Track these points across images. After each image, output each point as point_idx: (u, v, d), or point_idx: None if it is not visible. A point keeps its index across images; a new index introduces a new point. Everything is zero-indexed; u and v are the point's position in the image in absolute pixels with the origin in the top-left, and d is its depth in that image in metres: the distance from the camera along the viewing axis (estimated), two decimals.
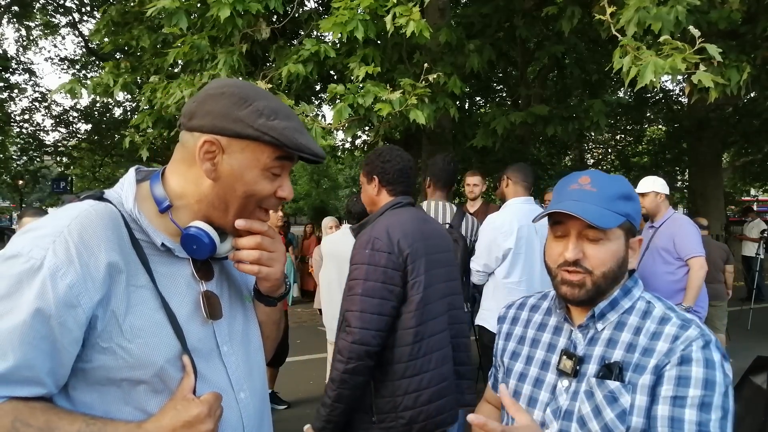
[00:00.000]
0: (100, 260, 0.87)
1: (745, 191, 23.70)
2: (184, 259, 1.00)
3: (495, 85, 12.42)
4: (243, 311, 1.11)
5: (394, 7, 3.89)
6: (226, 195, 0.98)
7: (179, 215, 1.00)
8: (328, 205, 26.49)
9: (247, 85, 1.00)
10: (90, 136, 15.68)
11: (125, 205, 0.96)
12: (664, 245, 3.72)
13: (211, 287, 1.03)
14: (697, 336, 1.04)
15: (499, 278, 3.17)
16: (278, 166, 0.99)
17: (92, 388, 0.89)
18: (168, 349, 0.92)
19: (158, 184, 1.00)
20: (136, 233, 0.95)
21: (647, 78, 3.21)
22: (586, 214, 1.04)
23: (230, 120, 0.95)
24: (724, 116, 10.72)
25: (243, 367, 1.05)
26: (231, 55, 4.36)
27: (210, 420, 0.89)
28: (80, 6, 13.71)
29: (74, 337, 0.85)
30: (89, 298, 0.85)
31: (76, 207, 0.92)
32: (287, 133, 0.96)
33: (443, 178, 3.46)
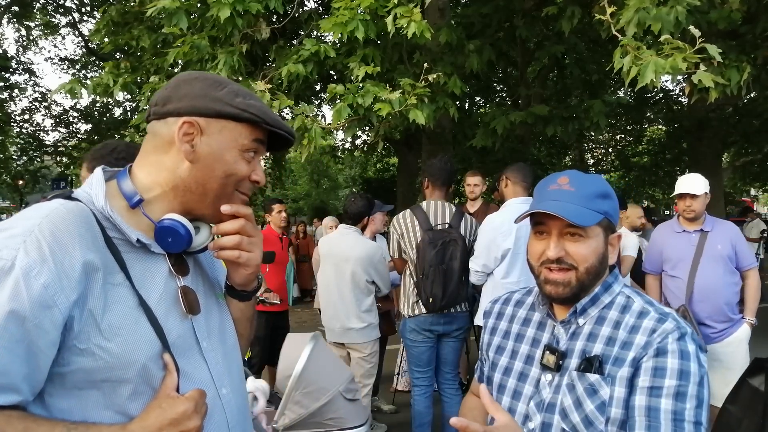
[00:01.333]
0: (75, 258, 0.83)
1: (745, 191, 23.70)
2: (159, 255, 0.98)
3: (495, 85, 12.42)
4: (217, 307, 1.10)
5: (395, 7, 3.89)
6: (205, 177, 0.97)
7: (151, 209, 0.98)
8: (328, 205, 26.46)
9: (216, 75, 1.03)
10: (90, 136, 15.66)
11: (96, 203, 0.93)
12: (728, 253, 3.35)
13: (188, 282, 1.02)
14: (673, 329, 1.08)
15: (497, 278, 3.18)
16: (254, 148, 1.01)
17: (70, 393, 0.86)
18: (149, 346, 0.89)
19: (126, 180, 0.98)
20: (109, 231, 0.92)
21: (647, 78, 3.21)
22: (565, 213, 1.08)
23: (208, 100, 0.96)
24: (724, 116, 10.71)
25: (222, 363, 1.04)
26: (231, 55, 4.36)
27: (197, 416, 0.89)
28: (80, 6, 13.71)
29: (51, 339, 0.81)
30: (65, 297, 0.81)
31: (46, 206, 0.88)
32: (264, 110, 0.99)
33: (441, 177, 3.46)
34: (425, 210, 3.40)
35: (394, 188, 12.76)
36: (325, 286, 3.72)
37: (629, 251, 4.73)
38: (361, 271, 3.58)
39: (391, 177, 18.43)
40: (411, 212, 3.44)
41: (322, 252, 3.80)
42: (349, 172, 26.30)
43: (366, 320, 3.61)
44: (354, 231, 3.69)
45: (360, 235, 3.71)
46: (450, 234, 3.31)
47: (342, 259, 3.61)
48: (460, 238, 3.30)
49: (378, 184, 18.79)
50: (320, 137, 4.20)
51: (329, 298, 3.68)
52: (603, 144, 19.71)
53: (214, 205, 1.00)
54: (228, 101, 0.96)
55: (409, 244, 3.39)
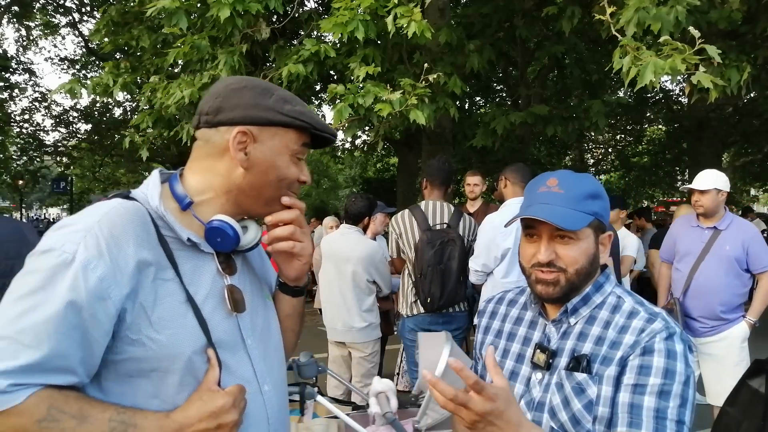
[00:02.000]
0: (128, 254, 0.90)
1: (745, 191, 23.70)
2: (208, 254, 1.04)
3: (495, 85, 12.41)
4: (264, 307, 1.14)
5: (395, 7, 3.88)
6: (259, 181, 1.03)
7: (201, 210, 1.04)
8: (328, 205, 26.46)
9: (260, 80, 1.09)
10: (90, 136, 15.67)
11: (151, 203, 1.00)
12: (737, 254, 3.30)
13: (235, 281, 1.06)
14: (661, 329, 1.08)
15: (497, 278, 3.17)
16: (301, 152, 1.07)
17: (123, 380, 0.92)
18: (194, 340, 0.95)
19: (178, 184, 1.04)
20: (162, 230, 0.98)
21: (647, 78, 3.20)
22: (554, 218, 1.08)
23: (260, 109, 1.01)
24: (724, 116, 10.70)
25: (266, 361, 1.08)
26: (231, 55, 4.36)
27: (234, 411, 0.92)
28: (80, 6, 13.71)
29: (104, 329, 0.88)
30: (119, 290, 0.88)
31: (106, 204, 0.96)
32: (312, 116, 1.05)
33: (439, 177, 3.47)
34: (424, 210, 3.40)
35: (394, 188, 12.76)
36: (327, 286, 3.73)
37: (629, 251, 4.74)
38: (362, 270, 3.58)
39: (391, 177, 18.43)
40: (409, 212, 3.44)
41: (324, 251, 3.80)
42: (349, 172, 26.30)
43: (367, 320, 3.61)
44: (355, 231, 3.70)
45: (361, 235, 3.71)
46: (448, 234, 3.31)
47: (343, 259, 3.61)
48: (458, 238, 3.31)
49: (378, 184, 18.79)
50: None
51: (330, 298, 3.68)
52: (603, 144, 19.71)
53: (267, 206, 1.07)
54: (279, 109, 1.02)
55: (407, 243, 3.39)
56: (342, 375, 3.75)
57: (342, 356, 3.74)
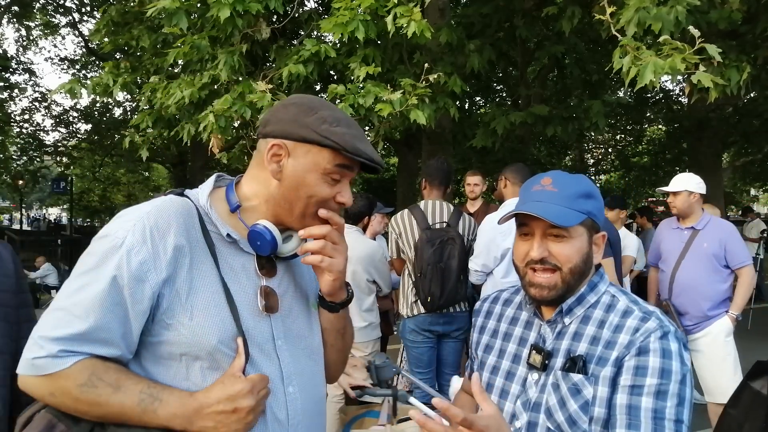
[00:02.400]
0: (168, 243, 0.99)
1: (745, 191, 23.70)
2: (250, 254, 1.10)
3: (495, 85, 12.42)
4: (305, 314, 1.18)
5: (395, 7, 3.88)
6: (290, 195, 1.07)
7: (248, 215, 1.10)
8: None
9: (316, 99, 1.11)
10: (90, 136, 15.69)
11: (200, 200, 1.09)
12: (715, 251, 3.47)
13: (273, 284, 1.11)
14: (656, 327, 1.08)
15: (497, 278, 3.18)
16: (337, 173, 1.07)
17: (159, 362, 1.00)
18: (223, 330, 1.00)
19: (232, 188, 1.13)
20: (208, 225, 1.06)
21: (647, 78, 3.21)
22: (547, 214, 1.09)
23: (297, 125, 1.05)
24: (724, 116, 10.71)
25: (296, 365, 1.11)
26: (231, 56, 4.36)
27: (251, 397, 0.96)
28: (80, 6, 13.72)
29: (142, 308, 0.96)
30: (156, 275, 0.97)
31: (159, 199, 1.06)
32: (347, 139, 1.04)
33: (438, 177, 3.47)
34: (423, 209, 3.40)
35: (394, 188, 12.76)
36: None
37: (629, 251, 4.74)
38: (362, 270, 3.57)
39: (391, 177, 18.42)
40: (409, 212, 3.44)
41: None
42: None
43: (367, 319, 3.61)
44: (355, 230, 3.69)
45: (361, 235, 3.70)
46: (448, 233, 3.31)
47: None
48: (458, 237, 3.30)
49: (378, 184, 18.77)
50: None
51: None
52: (603, 144, 19.72)
53: (300, 220, 1.09)
54: (314, 128, 1.04)
55: (407, 243, 3.39)
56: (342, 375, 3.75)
57: None
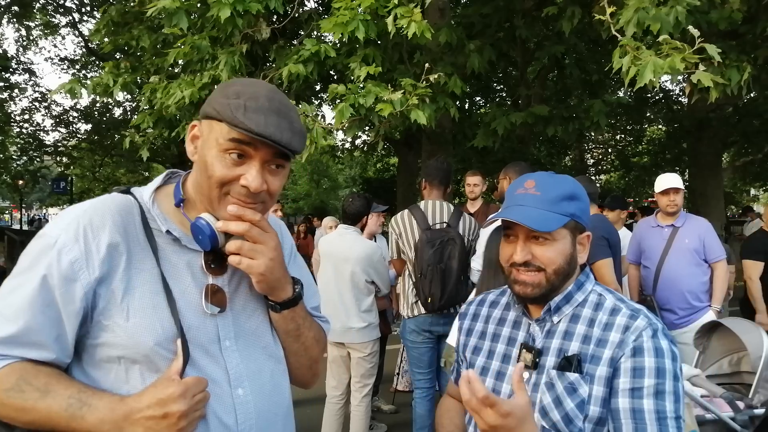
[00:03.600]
0: (102, 241, 0.95)
1: (745, 191, 23.70)
2: (196, 251, 1.04)
3: (495, 85, 12.42)
4: (263, 311, 1.11)
5: (395, 7, 3.88)
6: (200, 178, 1.00)
7: (191, 209, 1.05)
8: (328, 205, 26.47)
9: (247, 80, 1.01)
10: (90, 136, 15.69)
11: (144, 197, 1.04)
12: (695, 246, 3.67)
13: (221, 282, 1.05)
14: (645, 326, 1.11)
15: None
16: (233, 149, 0.95)
17: (98, 366, 0.96)
18: (161, 331, 0.95)
19: (179, 183, 1.07)
20: (151, 222, 1.01)
21: (646, 78, 3.21)
22: (527, 221, 1.11)
23: (206, 103, 1.00)
24: (724, 116, 10.71)
25: (248, 366, 1.04)
26: (231, 56, 4.36)
27: (182, 401, 0.90)
28: (80, 6, 13.72)
29: (74, 309, 0.93)
30: (88, 274, 0.93)
31: (101, 197, 1.02)
32: (230, 108, 0.93)
33: (438, 177, 3.47)
34: (423, 210, 3.40)
35: (394, 188, 12.77)
36: (325, 286, 3.72)
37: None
38: (361, 271, 3.58)
39: (391, 177, 18.43)
40: (409, 212, 3.44)
41: (322, 252, 3.80)
42: (349, 172, 26.31)
43: (366, 320, 3.61)
44: (353, 231, 3.69)
45: (359, 235, 3.71)
46: (448, 233, 3.30)
47: (341, 259, 3.61)
48: (458, 237, 3.30)
49: (378, 184, 18.80)
50: (321, 137, 4.20)
51: (329, 298, 3.68)
52: (603, 144, 19.72)
53: (213, 209, 0.99)
54: (212, 102, 0.97)
55: (407, 243, 3.39)
56: (341, 376, 3.75)
57: (341, 357, 3.74)
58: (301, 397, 5.02)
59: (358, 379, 3.65)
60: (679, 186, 3.70)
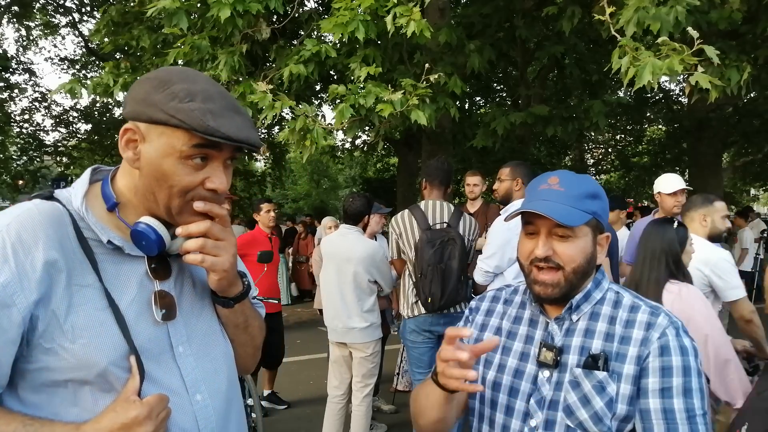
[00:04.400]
0: (36, 259, 0.85)
1: (745, 191, 23.70)
2: (138, 258, 0.97)
3: (495, 85, 12.41)
4: (211, 311, 1.08)
5: (395, 7, 3.89)
6: (151, 185, 0.93)
7: (127, 212, 0.97)
8: (328, 205, 26.45)
9: (178, 70, 0.94)
10: (90, 136, 15.67)
11: (73, 203, 0.94)
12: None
13: (168, 286, 1.00)
14: (668, 323, 1.12)
15: (508, 279, 3.13)
16: (197, 154, 0.91)
17: (39, 389, 0.87)
18: (113, 349, 0.89)
19: (107, 183, 0.98)
20: (85, 232, 0.93)
21: (645, 79, 3.21)
22: (553, 213, 1.10)
23: (146, 104, 0.90)
24: (724, 116, 10.70)
25: (203, 368, 1.02)
26: (231, 56, 4.36)
27: (149, 422, 0.87)
28: (80, 6, 13.71)
29: (9, 337, 0.83)
30: (24, 297, 0.83)
31: (21, 206, 0.90)
32: (196, 115, 0.88)
33: (438, 177, 3.47)
34: (423, 210, 3.40)
35: (394, 188, 12.76)
36: (327, 286, 3.72)
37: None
38: (363, 271, 3.58)
39: (391, 177, 18.42)
40: (409, 212, 3.44)
41: (324, 252, 3.80)
42: (349, 172, 26.29)
43: (368, 320, 3.61)
44: (355, 231, 3.70)
45: (361, 235, 3.71)
46: (448, 233, 3.30)
47: (344, 259, 3.61)
48: (458, 237, 3.30)
49: (378, 184, 18.78)
50: (321, 137, 4.20)
51: (331, 298, 3.68)
52: (603, 144, 19.71)
53: (169, 214, 0.95)
54: (161, 106, 0.89)
55: (407, 243, 3.39)
56: (343, 375, 3.76)
57: (343, 357, 3.74)
58: (299, 397, 5.03)
59: (359, 379, 3.65)
60: (686, 186, 3.68)
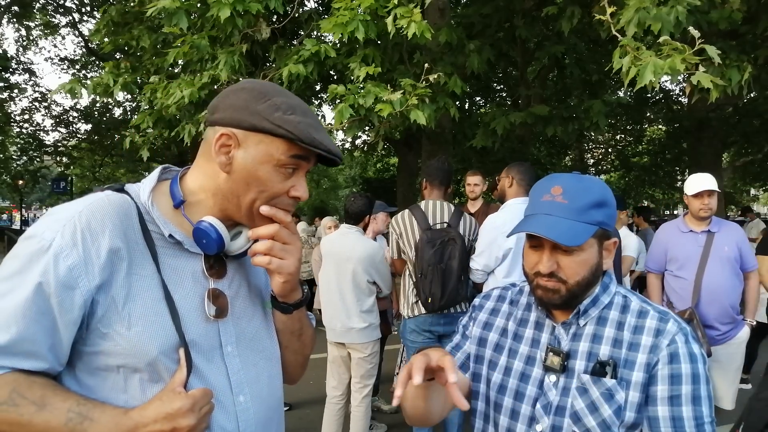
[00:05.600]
0: (102, 246, 0.89)
1: (745, 191, 23.71)
2: (196, 255, 1.01)
3: (495, 85, 12.42)
4: (261, 316, 1.10)
5: (395, 8, 3.88)
6: (240, 189, 0.98)
7: (193, 211, 1.02)
8: (328, 205, 26.47)
9: (268, 84, 1.02)
10: (90, 136, 15.69)
11: (141, 197, 0.99)
12: (734, 255, 3.31)
13: (222, 286, 1.03)
14: (677, 330, 1.11)
15: (499, 277, 3.17)
16: (292, 164, 0.99)
17: (94, 373, 0.91)
18: (164, 339, 0.92)
19: (176, 182, 1.03)
20: (149, 225, 0.97)
21: (646, 78, 3.20)
22: (556, 235, 1.07)
23: (248, 113, 0.96)
24: (724, 116, 10.71)
25: (248, 371, 1.04)
26: (231, 56, 4.36)
27: (192, 415, 0.89)
28: (80, 6, 13.72)
29: (72, 317, 0.88)
30: (88, 281, 0.88)
31: (93, 196, 0.96)
32: (302, 128, 0.96)
33: (439, 177, 3.47)
34: (424, 209, 3.40)
35: (394, 188, 12.76)
36: (326, 286, 3.72)
37: (629, 251, 4.74)
38: (362, 271, 3.58)
39: (391, 177, 18.44)
40: (409, 212, 3.44)
41: (324, 251, 3.80)
42: (349, 172, 26.30)
43: (367, 320, 3.61)
44: (356, 231, 3.69)
45: (361, 235, 3.71)
46: (449, 233, 3.30)
47: (343, 259, 3.61)
48: (458, 237, 3.30)
49: (378, 184, 18.80)
50: None
51: (330, 298, 3.68)
52: (603, 144, 19.72)
53: (249, 216, 1.01)
54: (266, 115, 0.95)
55: (407, 243, 3.39)
56: (341, 376, 3.75)
57: (341, 357, 3.74)
58: (301, 398, 5.02)
59: (358, 380, 3.65)
60: (713, 188, 3.28)
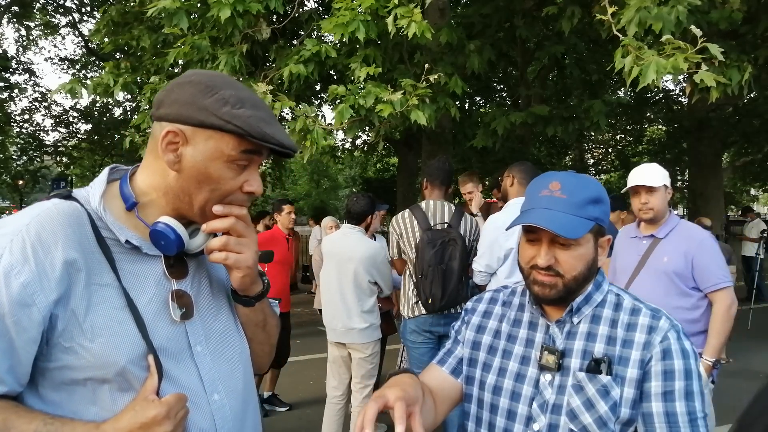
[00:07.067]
0: (56, 258, 0.85)
1: (745, 191, 23.72)
2: (155, 257, 0.98)
3: (495, 85, 12.42)
4: (227, 311, 1.09)
5: (396, 8, 3.88)
6: (191, 187, 0.95)
7: (146, 212, 0.98)
8: (328, 205, 26.48)
9: (216, 75, 0.97)
10: (90, 136, 15.68)
11: (91, 203, 0.95)
12: (678, 269, 2.61)
13: (185, 285, 1.01)
14: (669, 327, 1.13)
15: (501, 278, 3.16)
16: (243, 159, 0.95)
17: (59, 388, 0.88)
18: (131, 348, 0.90)
19: (127, 183, 0.99)
20: (103, 231, 0.93)
21: (649, 78, 3.20)
22: (556, 227, 1.08)
23: (195, 108, 0.91)
24: (724, 116, 10.72)
25: (220, 368, 1.03)
26: (231, 56, 4.36)
27: (168, 422, 0.87)
28: (80, 6, 13.71)
29: (30, 336, 0.84)
30: (45, 296, 0.84)
31: (40, 206, 0.91)
32: (252, 122, 0.92)
33: (439, 177, 3.46)
34: (424, 210, 3.39)
35: (394, 188, 12.77)
36: (327, 286, 3.72)
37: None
38: (363, 271, 3.57)
39: (391, 177, 18.45)
40: (410, 212, 3.43)
41: (325, 251, 3.79)
42: (349, 172, 26.31)
43: (368, 320, 3.61)
44: (357, 231, 3.69)
45: (363, 235, 3.70)
46: (449, 234, 3.30)
47: (345, 259, 3.60)
48: (459, 238, 3.29)
49: (378, 184, 18.80)
50: (321, 138, 4.20)
51: (331, 298, 3.67)
52: (603, 144, 19.73)
53: (203, 216, 0.98)
54: (213, 110, 0.91)
55: (408, 244, 3.39)
56: (342, 376, 3.75)
57: (342, 357, 3.73)
58: (300, 398, 5.02)
59: (358, 380, 3.65)
60: (652, 183, 2.64)
